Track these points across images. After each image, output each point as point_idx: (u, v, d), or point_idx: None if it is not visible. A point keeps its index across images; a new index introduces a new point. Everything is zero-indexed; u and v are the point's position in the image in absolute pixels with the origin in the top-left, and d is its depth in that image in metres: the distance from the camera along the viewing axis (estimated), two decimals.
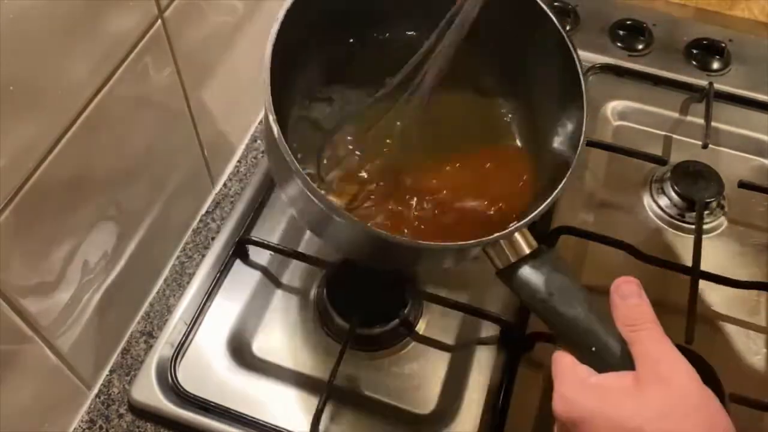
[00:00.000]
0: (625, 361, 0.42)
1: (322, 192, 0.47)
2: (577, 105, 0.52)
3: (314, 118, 0.58)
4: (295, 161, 0.45)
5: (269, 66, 0.46)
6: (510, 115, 0.60)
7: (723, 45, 0.89)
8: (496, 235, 0.47)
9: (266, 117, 0.46)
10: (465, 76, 0.57)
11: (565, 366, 0.44)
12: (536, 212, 0.48)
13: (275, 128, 0.45)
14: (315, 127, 0.58)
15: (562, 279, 0.46)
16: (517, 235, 0.48)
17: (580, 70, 0.51)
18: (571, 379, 0.43)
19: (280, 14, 0.48)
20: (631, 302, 0.44)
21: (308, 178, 0.45)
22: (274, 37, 0.47)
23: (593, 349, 0.44)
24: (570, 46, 0.52)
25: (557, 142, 0.54)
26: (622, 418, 0.39)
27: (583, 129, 0.51)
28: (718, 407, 0.39)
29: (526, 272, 0.47)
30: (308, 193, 0.45)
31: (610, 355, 0.43)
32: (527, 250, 0.47)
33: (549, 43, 0.53)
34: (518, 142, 0.60)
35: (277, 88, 0.46)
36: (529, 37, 0.55)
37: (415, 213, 0.54)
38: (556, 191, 0.48)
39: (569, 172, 0.49)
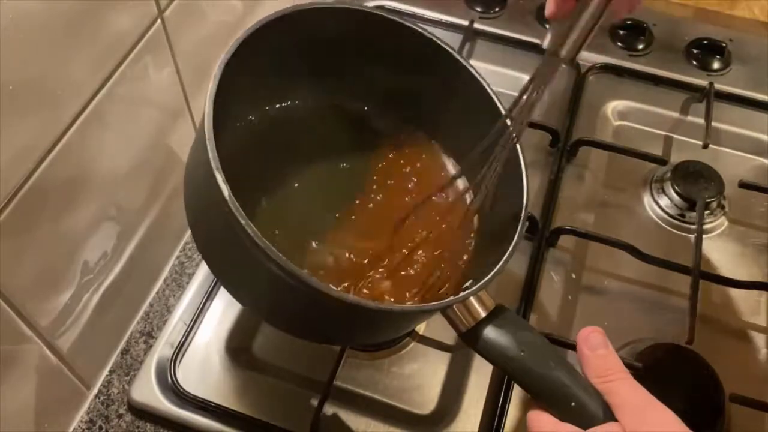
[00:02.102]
0: (606, 414, 0.41)
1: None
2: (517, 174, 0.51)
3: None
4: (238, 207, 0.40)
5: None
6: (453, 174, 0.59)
7: (723, 45, 0.89)
8: (446, 300, 0.46)
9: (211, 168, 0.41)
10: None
11: (547, 427, 0.42)
12: (489, 276, 0.46)
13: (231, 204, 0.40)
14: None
15: (529, 336, 0.45)
16: (472, 298, 0.46)
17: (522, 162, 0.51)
18: None
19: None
20: (599, 353, 0.43)
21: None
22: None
23: (572, 404, 0.42)
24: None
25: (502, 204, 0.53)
26: None
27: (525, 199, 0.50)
28: None
29: (491, 334, 0.46)
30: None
31: (589, 410, 0.42)
32: (483, 313, 0.46)
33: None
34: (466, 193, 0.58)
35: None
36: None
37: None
38: (508, 253, 0.47)
39: (515, 240, 0.48)
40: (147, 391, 0.62)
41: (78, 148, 0.51)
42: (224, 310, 0.67)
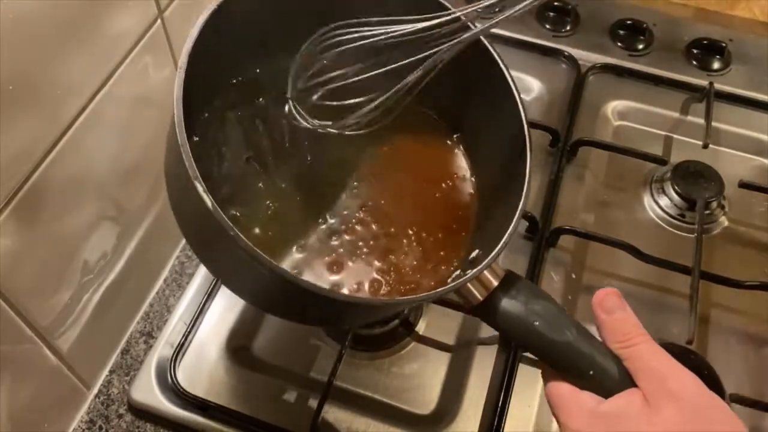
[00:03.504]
0: (625, 380, 0.40)
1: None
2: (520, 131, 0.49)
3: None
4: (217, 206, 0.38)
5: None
6: (456, 139, 0.57)
7: (723, 45, 0.89)
8: (462, 279, 0.44)
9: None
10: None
11: (568, 397, 0.41)
12: (501, 244, 0.44)
13: (207, 200, 0.38)
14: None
15: (543, 304, 0.43)
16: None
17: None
18: (579, 412, 0.40)
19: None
20: (618, 316, 0.42)
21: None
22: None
23: (591, 372, 0.41)
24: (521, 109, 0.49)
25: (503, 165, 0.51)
26: None
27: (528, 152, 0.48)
28: (729, 412, 0.38)
29: (504, 303, 0.44)
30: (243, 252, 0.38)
31: (609, 377, 0.41)
32: (495, 282, 0.44)
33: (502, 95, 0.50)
34: (466, 170, 0.56)
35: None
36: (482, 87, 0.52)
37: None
38: (515, 218, 0.45)
39: (520, 208, 0.46)
40: (147, 391, 0.62)
41: (78, 148, 0.51)
42: (224, 310, 0.67)
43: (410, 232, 0.52)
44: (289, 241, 0.50)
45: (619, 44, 0.91)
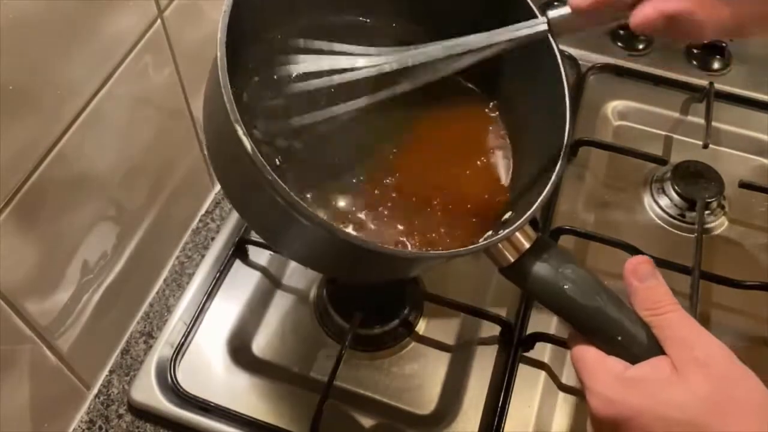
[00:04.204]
0: (653, 348, 0.40)
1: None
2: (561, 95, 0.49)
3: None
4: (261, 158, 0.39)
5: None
6: (492, 106, 0.56)
7: (723, 45, 0.89)
8: (494, 238, 0.44)
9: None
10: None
11: (594, 361, 0.41)
12: (536, 205, 0.44)
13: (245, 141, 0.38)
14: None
15: (573, 268, 0.43)
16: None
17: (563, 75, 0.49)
18: (605, 376, 0.40)
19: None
20: (650, 284, 0.42)
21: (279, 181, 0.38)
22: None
23: (619, 338, 0.41)
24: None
25: (541, 129, 0.51)
26: (672, 410, 0.37)
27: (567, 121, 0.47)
28: (758, 382, 0.38)
29: (535, 267, 0.44)
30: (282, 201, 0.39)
31: (637, 343, 0.41)
32: (527, 245, 0.44)
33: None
34: (502, 133, 0.56)
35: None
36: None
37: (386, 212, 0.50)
38: (552, 181, 0.45)
39: (559, 163, 0.46)
40: (147, 391, 0.62)
41: (78, 148, 0.51)
42: (224, 310, 0.67)
43: (443, 198, 0.51)
44: (324, 198, 0.50)
45: (619, 44, 0.91)
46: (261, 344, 0.66)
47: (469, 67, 0.47)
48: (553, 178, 0.45)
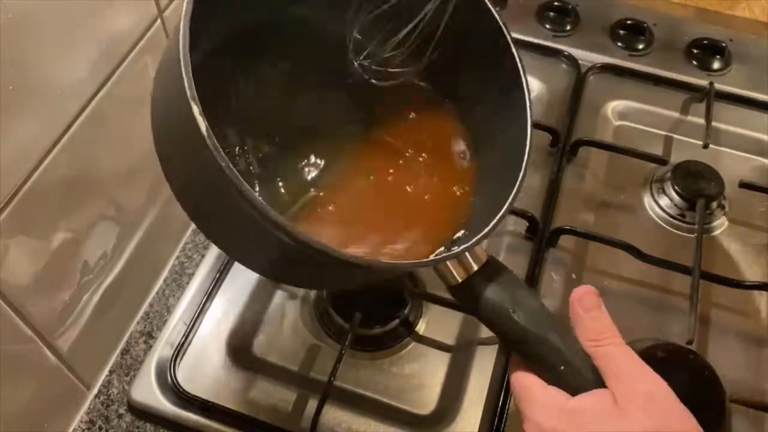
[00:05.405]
0: (595, 380, 0.40)
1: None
2: (520, 105, 0.47)
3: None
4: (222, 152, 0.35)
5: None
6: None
7: (723, 45, 0.89)
8: (437, 257, 0.43)
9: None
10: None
11: (534, 390, 0.41)
12: (486, 230, 0.43)
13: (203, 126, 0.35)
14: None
15: (521, 294, 0.43)
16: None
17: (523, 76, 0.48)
18: (545, 406, 0.40)
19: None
20: (594, 315, 0.41)
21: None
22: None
23: (561, 368, 0.41)
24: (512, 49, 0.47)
25: (502, 147, 0.49)
26: None
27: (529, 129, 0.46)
28: (695, 422, 0.38)
29: (483, 289, 0.43)
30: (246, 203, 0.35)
31: (579, 374, 0.40)
32: (476, 266, 0.43)
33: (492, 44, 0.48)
34: (463, 147, 0.53)
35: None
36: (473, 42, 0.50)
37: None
38: (507, 204, 0.44)
39: (519, 179, 0.44)
40: (147, 391, 0.62)
41: (78, 148, 0.51)
42: (224, 310, 0.67)
43: (400, 203, 0.50)
44: (277, 199, 0.48)
45: (619, 44, 0.91)
46: (261, 344, 0.66)
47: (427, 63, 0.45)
48: (509, 201, 0.44)
